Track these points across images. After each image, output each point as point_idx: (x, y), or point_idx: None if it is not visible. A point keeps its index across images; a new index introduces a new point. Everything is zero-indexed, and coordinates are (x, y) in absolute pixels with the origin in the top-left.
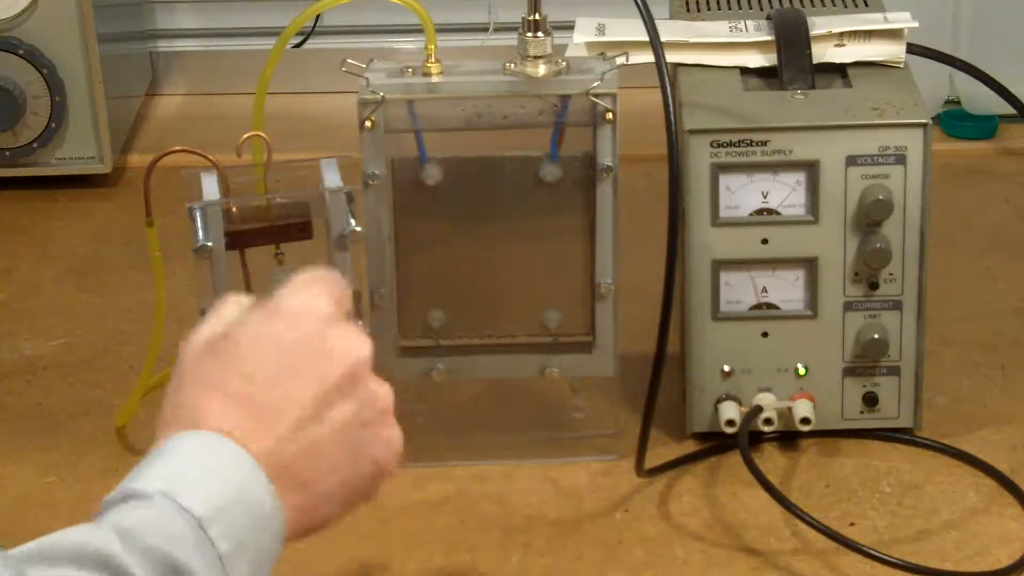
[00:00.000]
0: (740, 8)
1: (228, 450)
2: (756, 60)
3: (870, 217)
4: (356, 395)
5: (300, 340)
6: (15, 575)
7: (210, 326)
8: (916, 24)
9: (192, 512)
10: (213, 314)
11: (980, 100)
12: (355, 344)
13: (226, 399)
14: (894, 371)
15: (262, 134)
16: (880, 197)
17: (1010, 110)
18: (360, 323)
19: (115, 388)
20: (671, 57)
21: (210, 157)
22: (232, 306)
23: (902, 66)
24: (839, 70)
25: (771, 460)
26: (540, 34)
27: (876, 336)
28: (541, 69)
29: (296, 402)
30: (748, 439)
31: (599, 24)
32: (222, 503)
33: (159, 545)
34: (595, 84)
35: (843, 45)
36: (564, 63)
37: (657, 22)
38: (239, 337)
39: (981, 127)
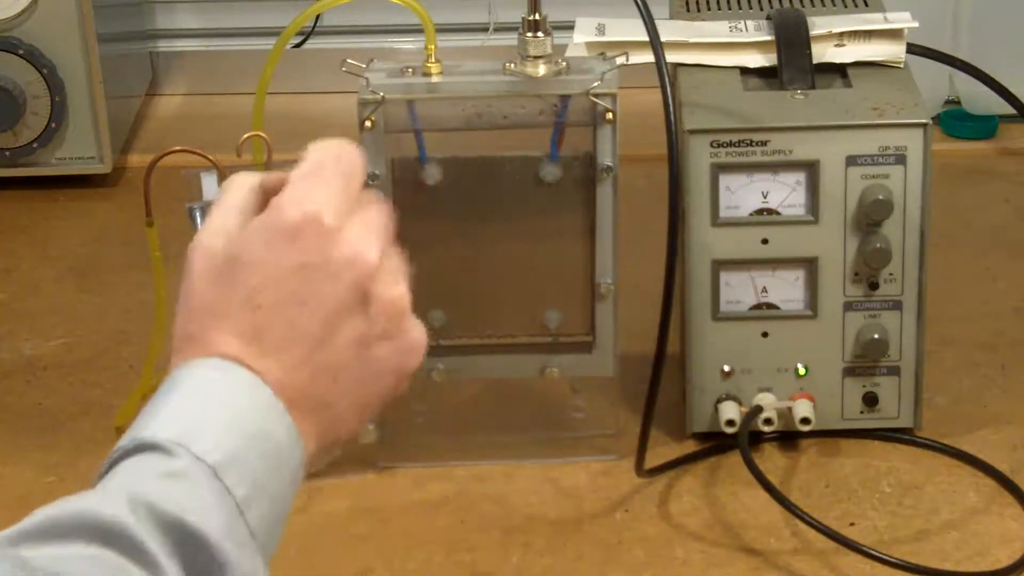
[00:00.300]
0: (740, 8)
1: (242, 381)
2: (756, 60)
3: (870, 217)
4: (366, 309)
5: (301, 265)
6: (10, 567)
7: (215, 232)
8: (916, 24)
9: (206, 461)
10: (218, 205)
11: (980, 100)
12: (360, 254)
13: (233, 329)
14: (894, 371)
15: (262, 134)
16: (880, 197)
17: (1010, 110)
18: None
19: (115, 388)
20: (671, 57)
21: (210, 157)
22: (235, 198)
23: (902, 66)
24: (839, 70)
25: (771, 460)
26: (540, 34)
27: (876, 336)
28: (541, 69)
29: (304, 330)
30: (748, 439)
31: (599, 24)
32: (237, 445)
33: (171, 510)
34: (595, 84)
35: (843, 45)
36: (564, 63)
37: (657, 22)
38: (243, 261)
39: (981, 127)
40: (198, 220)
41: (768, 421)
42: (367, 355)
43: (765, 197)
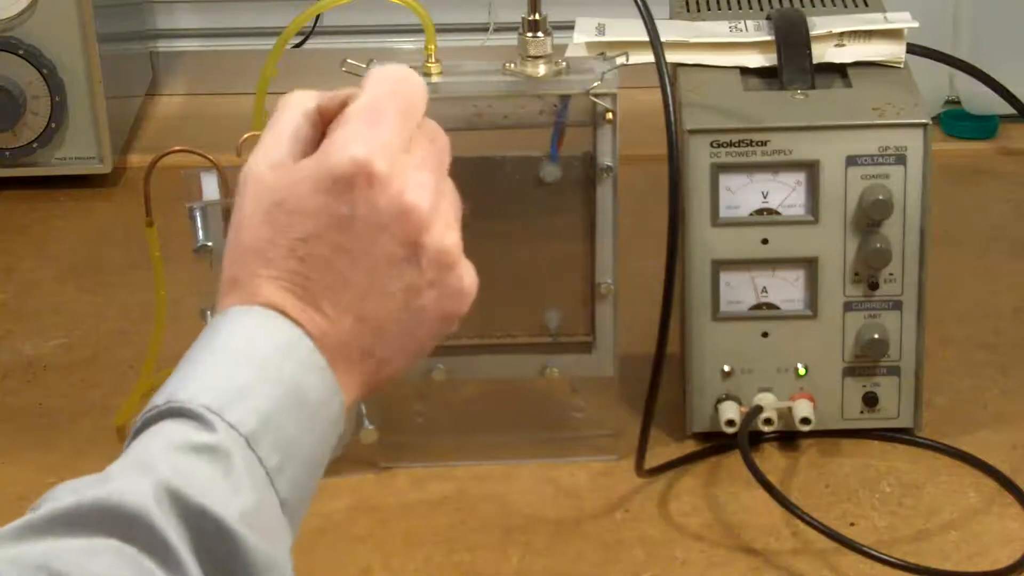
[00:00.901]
0: (740, 8)
1: (283, 334)
2: (756, 60)
3: (870, 217)
4: (417, 260)
5: (349, 217)
6: (34, 568)
7: (268, 163)
8: (916, 24)
9: (239, 430)
10: (272, 127)
11: (980, 100)
12: (411, 206)
13: (278, 277)
14: (894, 371)
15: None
16: (880, 197)
17: (1010, 110)
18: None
19: (115, 388)
20: (671, 57)
21: (210, 157)
22: (290, 123)
23: (902, 66)
24: (839, 70)
25: (771, 460)
26: (540, 34)
27: (876, 336)
28: (541, 69)
29: (350, 282)
30: (748, 439)
31: (599, 24)
32: (272, 408)
33: (195, 498)
34: (595, 84)
35: (843, 45)
36: (564, 63)
37: (657, 22)
38: (288, 207)
39: (981, 127)
40: (198, 220)
41: (768, 421)
42: (415, 303)
43: (765, 197)
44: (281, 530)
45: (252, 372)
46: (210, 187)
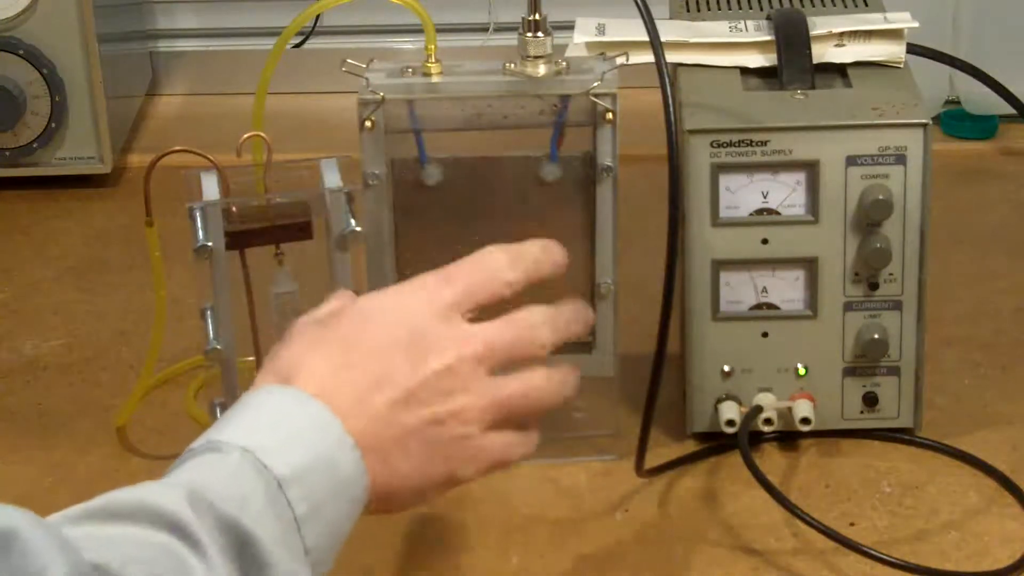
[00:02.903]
0: (740, 8)
1: (317, 411)
2: (756, 60)
3: (870, 217)
4: (450, 400)
5: (404, 322)
6: (82, 542)
7: (324, 307)
8: (916, 24)
9: (273, 471)
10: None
11: (980, 100)
12: (456, 346)
13: (326, 361)
14: (894, 371)
15: (262, 134)
16: (880, 197)
17: (1010, 110)
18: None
19: (115, 388)
20: (671, 57)
21: (210, 157)
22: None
23: (902, 66)
24: (839, 70)
25: (771, 460)
26: (540, 34)
27: (876, 336)
28: (541, 69)
29: (394, 382)
30: (748, 439)
31: (599, 24)
32: (304, 465)
33: (229, 511)
34: (595, 84)
35: (843, 45)
36: (564, 63)
37: (657, 22)
38: (350, 309)
39: (981, 127)
40: (198, 220)
41: (768, 421)
42: (435, 437)
43: (765, 197)
44: (304, 568)
45: (289, 433)
46: (210, 187)
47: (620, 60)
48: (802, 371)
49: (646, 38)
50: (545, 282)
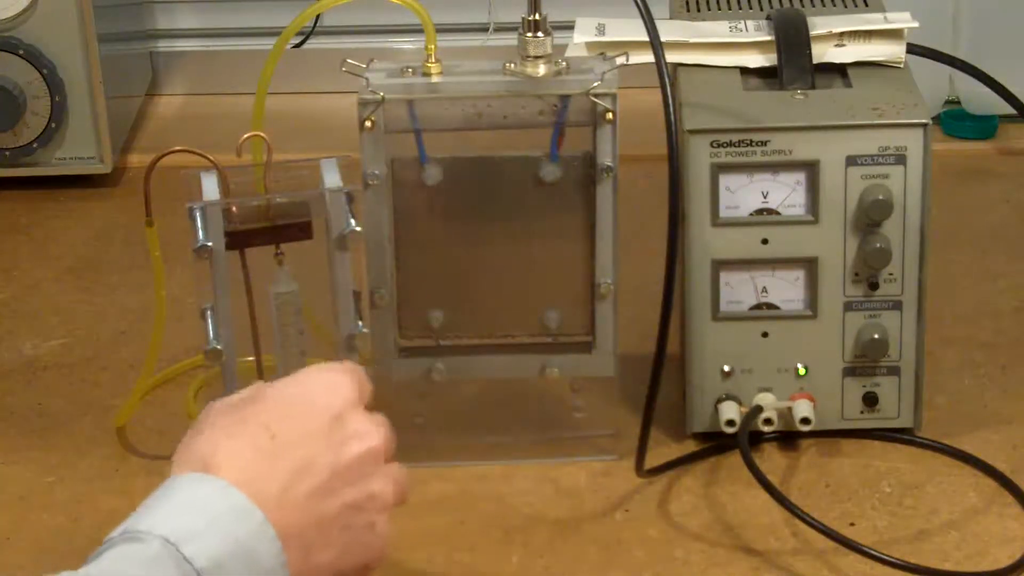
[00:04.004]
0: (740, 8)
1: (238, 500)
2: (756, 60)
3: (870, 217)
4: (367, 484)
5: (326, 409)
6: None
7: (236, 395)
8: (916, 24)
9: (193, 563)
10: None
11: (980, 100)
12: (374, 432)
13: (248, 450)
14: (894, 371)
15: (262, 134)
16: (880, 197)
17: (1010, 110)
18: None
19: (115, 388)
20: (671, 57)
21: (210, 157)
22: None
23: (902, 66)
24: (839, 70)
25: (771, 460)
26: (540, 34)
27: (876, 336)
28: (541, 69)
29: (315, 469)
30: (748, 439)
31: (599, 24)
32: (224, 554)
33: None
34: (595, 84)
35: (843, 45)
36: (564, 63)
37: (657, 22)
38: (267, 395)
39: (981, 127)
40: (198, 220)
41: (768, 421)
42: (354, 522)
43: (765, 197)
44: None
45: (207, 523)
46: (210, 187)
47: (620, 60)
48: (802, 371)
49: (646, 38)
50: None
